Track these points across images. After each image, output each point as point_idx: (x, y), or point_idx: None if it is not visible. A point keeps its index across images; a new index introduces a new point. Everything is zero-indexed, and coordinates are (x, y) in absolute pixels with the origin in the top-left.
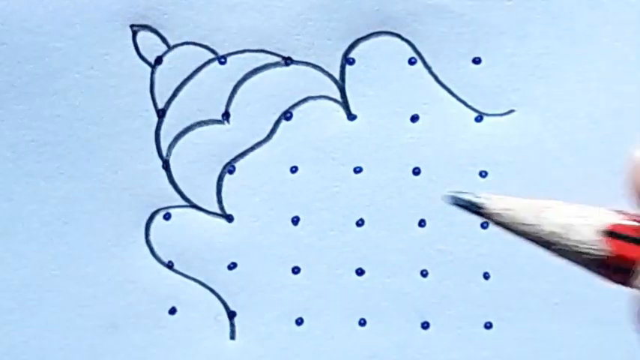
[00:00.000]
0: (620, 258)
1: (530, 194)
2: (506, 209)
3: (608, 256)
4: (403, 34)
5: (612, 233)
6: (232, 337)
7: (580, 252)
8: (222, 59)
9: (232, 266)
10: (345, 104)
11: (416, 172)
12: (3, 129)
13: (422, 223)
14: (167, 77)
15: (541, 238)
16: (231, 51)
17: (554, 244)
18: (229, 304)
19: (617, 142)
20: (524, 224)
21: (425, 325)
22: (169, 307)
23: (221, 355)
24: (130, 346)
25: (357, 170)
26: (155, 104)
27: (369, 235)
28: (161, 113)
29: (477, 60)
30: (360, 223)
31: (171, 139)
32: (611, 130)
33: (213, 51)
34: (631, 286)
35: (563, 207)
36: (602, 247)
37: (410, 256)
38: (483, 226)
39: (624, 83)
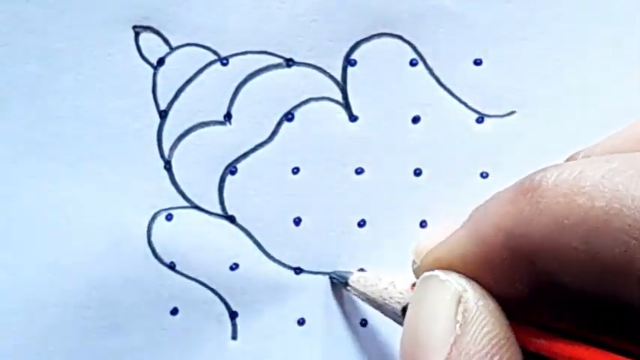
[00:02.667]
0: None
1: None
2: (358, 279)
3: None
4: (405, 36)
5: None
6: (234, 337)
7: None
8: (224, 60)
9: (234, 267)
10: (346, 105)
11: (417, 173)
12: (4, 129)
13: (423, 224)
14: (169, 78)
15: (371, 299)
16: (233, 52)
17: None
18: (231, 304)
19: None
20: (364, 287)
21: None
22: (171, 307)
23: (223, 356)
24: (131, 346)
25: (359, 171)
26: (157, 105)
27: (370, 236)
28: (163, 114)
29: (478, 61)
30: (361, 223)
31: (173, 140)
32: (612, 130)
33: (215, 52)
34: None
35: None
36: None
37: (410, 257)
38: None
39: (624, 84)
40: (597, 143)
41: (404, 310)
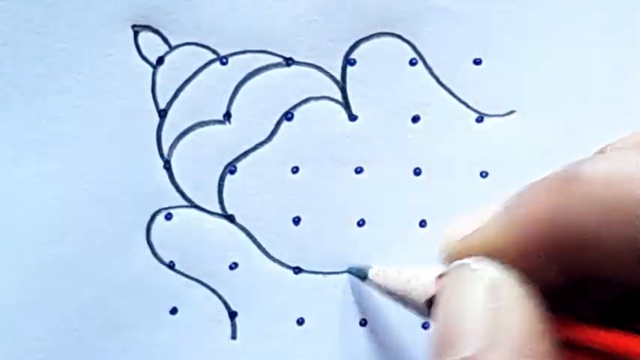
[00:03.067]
0: None
1: None
2: (377, 272)
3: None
4: (404, 35)
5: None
6: (233, 337)
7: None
8: (223, 60)
9: (233, 266)
10: (346, 105)
11: (417, 172)
12: (4, 129)
13: (422, 224)
14: (169, 77)
15: (392, 292)
16: (232, 51)
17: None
18: (230, 304)
19: None
20: (385, 281)
21: (425, 325)
22: (171, 307)
23: (222, 355)
24: (131, 346)
25: (358, 171)
26: (157, 104)
27: (369, 235)
28: (163, 113)
29: (478, 61)
30: (360, 223)
31: (172, 139)
32: (611, 131)
33: (214, 51)
34: None
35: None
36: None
37: (410, 256)
38: None
39: (624, 84)
40: (620, 140)
41: (428, 302)
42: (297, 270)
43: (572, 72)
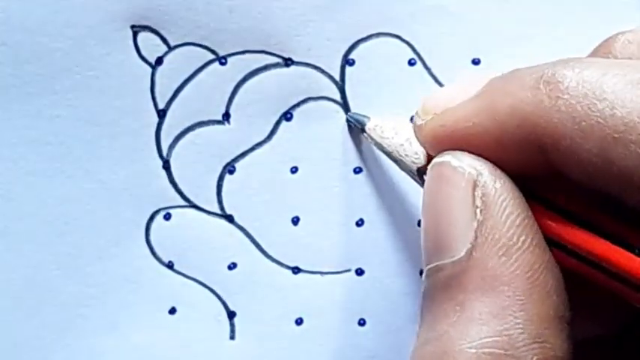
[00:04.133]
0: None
1: None
2: (374, 127)
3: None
4: (403, 36)
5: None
6: (232, 337)
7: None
8: (222, 60)
9: (232, 266)
10: (345, 105)
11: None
12: (3, 129)
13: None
14: (168, 78)
15: (387, 152)
16: (231, 52)
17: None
18: (229, 304)
19: None
20: (380, 139)
21: None
22: (169, 307)
23: (221, 355)
24: (130, 345)
25: (357, 171)
26: (156, 104)
27: (368, 236)
28: (161, 113)
29: (477, 61)
30: (359, 223)
31: (171, 139)
32: None
33: (213, 51)
34: None
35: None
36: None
37: (410, 256)
38: None
39: None
40: (606, 43)
41: (419, 171)
42: (296, 270)
43: None
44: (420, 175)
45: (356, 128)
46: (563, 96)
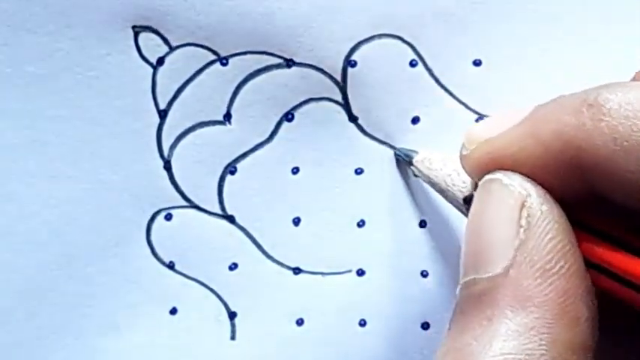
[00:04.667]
0: None
1: None
2: (422, 160)
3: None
4: (404, 37)
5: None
6: (233, 337)
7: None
8: (224, 60)
9: (233, 267)
10: (346, 106)
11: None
12: (4, 129)
13: (422, 224)
14: (169, 78)
15: (435, 184)
16: (233, 52)
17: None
18: (230, 304)
19: None
20: (428, 171)
21: (425, 326)
22: (170, 307)
23: (221, 356)
24: (130, 346)
25: (358, 172)
26: (157, 105)
27: (369, 236)
28: (163, 114)
29: (478, 62)
30: (360, 223)
31: (172, 139)
32: None
33: (215, 52)
34: None
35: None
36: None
37: (410, 257)
38: None
39: None
40: None
41: (465, 200)
42: (297, 270)
43: (572, 73)
44: (466, 203)
45: (404, 162)
46: (605, 118)
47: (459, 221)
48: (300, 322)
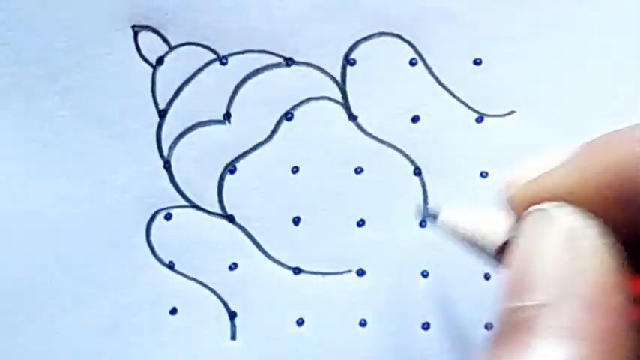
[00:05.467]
0: None
1: None
2: (449, 217)
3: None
4: (404, 35)
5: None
6: (233, 337)
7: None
8: (223, 60)
9: (233, 266)
10: (346, 105)
11: (416, 172)
12: (4, 129)
13: (422, 224)
14: (168, 78)
15: (464, 238)
16: (232, 51)
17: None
18: (230, 304)
19: None
20: (456, 227)
21: (425, 326)
22: (170, 307)
23: (222, 356)
24: (130, 346)
25: (358, 171)
26: (156, 104)
27: (369, 236)
28: (162, 113)
29: (478, 61)
30: (360, 223)
31: (172, 139)
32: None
33: (214, 51)
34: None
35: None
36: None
37: (410, 257)
38: None
39: (624, 84)
40: None
41: (499, 249)
42: (297, 270)
43: (572, 72)
44: (500, 252)
45: (431, 220)
46: None
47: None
48: (300, 322)
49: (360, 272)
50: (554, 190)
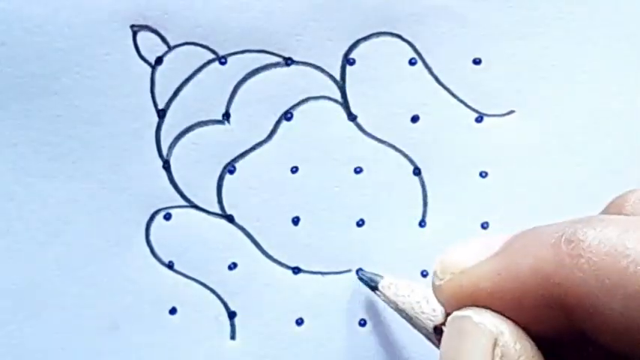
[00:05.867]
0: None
1: (530, 194)
2: (389, 285)
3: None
4: (404, 35)
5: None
6: (232, 337)
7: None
8: (222, 59)
9: (232, 266)
10: (345, 104)
11: (416, 172)
12: (3, 129)
13: (422, 224)
14: (167, 77)
15: (402, 310)
16: (231, 51)
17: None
18: (229, 304)
19: (616, 142)
20: (395, 297)
21: None
22: (170, 307)
23: (221, 356)
24: (130, 346)
25: (358, 171)
26: (155, 104)
27: (369, 236)
28: (161, 113)
29: (477, 61)
30: (360, 223)
31: (171, 139)
32: (611, 131)
33: (213, 51)
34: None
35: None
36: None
37: (410, 256)
38: (483, 226)
39: (623, 83)
40: (625, 197)
41: (436, 329)
42: (297, 270)
43: (571, 72)
44: (437, 332)
45: (368, 286)
46: (585, 254)
47: (458, 221)
48: (299, 322)
49: (359, 272)
50: (479, 287)
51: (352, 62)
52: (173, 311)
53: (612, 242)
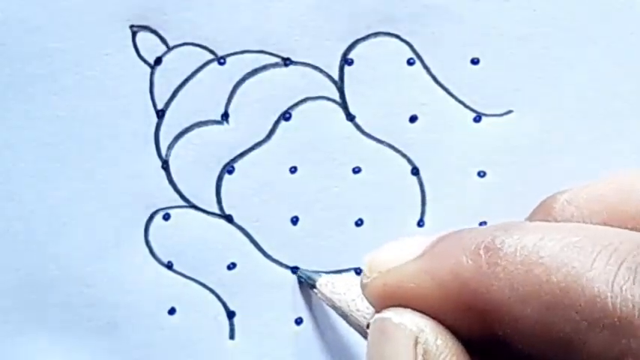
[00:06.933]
0: None
1: (528, 194)
2: (326, 283)
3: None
4: (402, 35)
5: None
6: (232, 337)
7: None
8: (221, 60)
9: (232, 266)
10: (343, 105)
11: (414, 172)
12: (3, 129)
13: (420, 224)
14: (166, 78)
15: (337, 308)
16: (230, 52)
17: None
18: (229, 304)
19: (615, 142)
20: (331, 294)
21: None
22: (169, 307)
23: (220, 355)
24: (129, 346)
25: (356, 170)
26: (154, 105)
27: (368, 235)
28: (160, 114)
29: (476, 60)
30: (359, 223)
31: (170, 139)
32: (610, 130)
33: (212, 52)
34: None
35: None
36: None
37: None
38: (482, 225)
39: (623, 83)
40: (583, 187)
41: (368, 327)
42: (296, 270)
43: (570, 72)
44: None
45: (306, 284)
46: (501, 262)
47: (457, 221)
48: (299, 322)
49: (359, 272)
50: (402, 287)
51: (350, 62)
52: (172, 311)
53: (527, 251)
